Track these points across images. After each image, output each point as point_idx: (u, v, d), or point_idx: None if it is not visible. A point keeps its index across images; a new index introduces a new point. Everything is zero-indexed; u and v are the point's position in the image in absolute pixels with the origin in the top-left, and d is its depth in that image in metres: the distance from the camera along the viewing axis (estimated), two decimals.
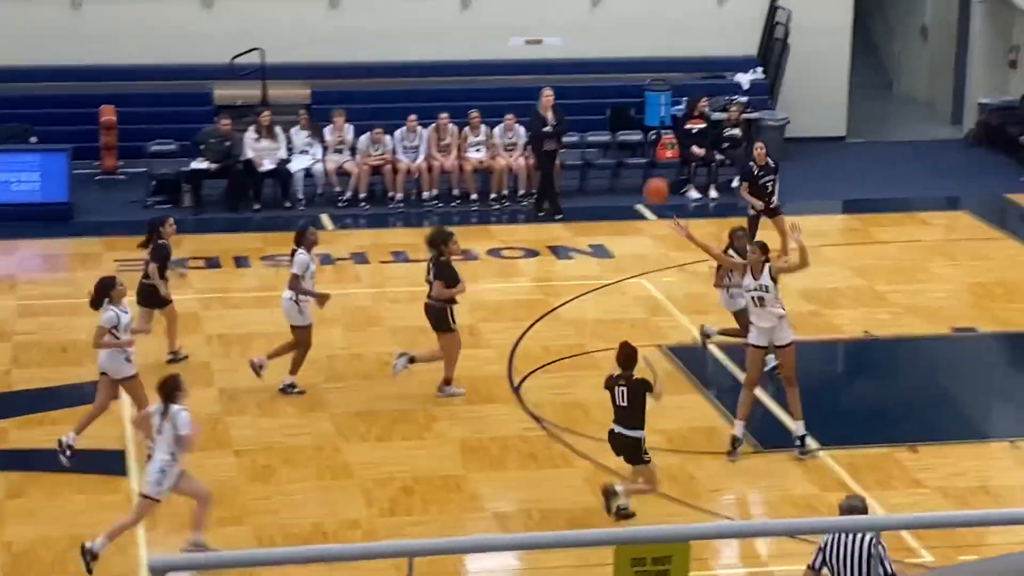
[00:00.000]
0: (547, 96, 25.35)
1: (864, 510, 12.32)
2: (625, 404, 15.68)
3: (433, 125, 25.90)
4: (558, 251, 23.82)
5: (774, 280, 17.08)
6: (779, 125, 28.33)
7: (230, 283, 22.46)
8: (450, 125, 25.94)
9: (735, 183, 26.40)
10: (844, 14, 29.48)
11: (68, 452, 16.89)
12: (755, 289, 17.11)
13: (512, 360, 19.63)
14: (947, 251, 23.85)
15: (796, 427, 17.30)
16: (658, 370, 16.34)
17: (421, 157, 25.87)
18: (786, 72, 28.73)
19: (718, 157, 26.62)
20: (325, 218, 25.07)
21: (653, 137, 27.16)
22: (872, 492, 16.45)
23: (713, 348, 20.02)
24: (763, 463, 17.14)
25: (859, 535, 12.01)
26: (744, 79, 28.47)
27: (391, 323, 20.79)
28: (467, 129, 26.05)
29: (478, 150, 26.04)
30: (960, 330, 20.69)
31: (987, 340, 20.68)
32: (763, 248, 17.36)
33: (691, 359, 19.75)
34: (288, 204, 25.48)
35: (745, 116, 27.40)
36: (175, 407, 14.99)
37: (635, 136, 27.38)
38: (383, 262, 23.30)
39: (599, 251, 23.78)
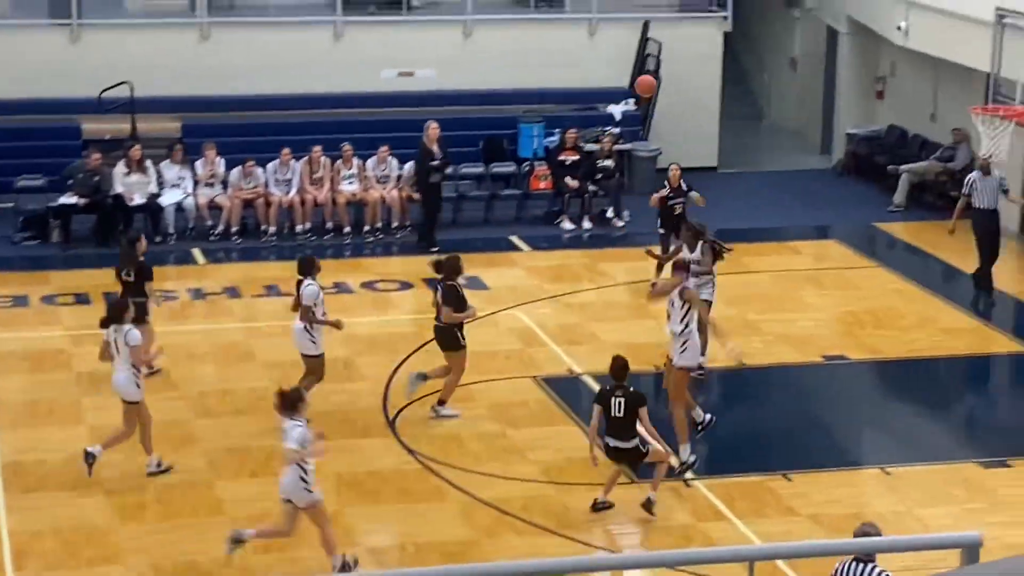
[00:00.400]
0: (433, 129, 25.33)
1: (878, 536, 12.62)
2: (621, 415, 16.16)
3: (306, 158, 25.79)
4: (432, 283, 23.73)
5: (683, 301, 17.49)
6: (651, 156, 28.54)
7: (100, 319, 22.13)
8: (323, 158, 25.83)
9: (609, 213, 26.65)
10: (714, 46, 29.76)
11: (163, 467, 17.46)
12: (669, 303, 17.78)
13: (387, 393, 19.55)
14: (817, 280, 24.09)
15: (681, 450, 17.45)
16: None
17: (294, 190, 25.73)
18: (658, 103, 28.92)
19: (591, 188, 26.75)
20: (197, 252, 24.87)
21: (527, 169, 27.22)
22: (746, 521, 16.57)
23: (587, 379, 20.09)
24: (639, 494, 17.15)
25: (867, 567, 12.37)
26: (616, 110, 28.61)
27: (264, 358, 20.61)
28: (340, 162, 25.97)
29: (351, 183, 25.95)
30: (831, 358, 20.90)
31: (857, 368, 20.90)
32: (678, 265, 17.96)
33: (565, 390, 19.79)
34: (159, 238, 25.19)
35: (618, 147, 27.57)
36: (290, 422, 15.06)
37: (508, 168, 27.43)
38: (256, 296, 23.13)
39: (473, 283, 23.73)
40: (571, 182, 26.60)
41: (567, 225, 26.57)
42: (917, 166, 28.05)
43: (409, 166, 25.98)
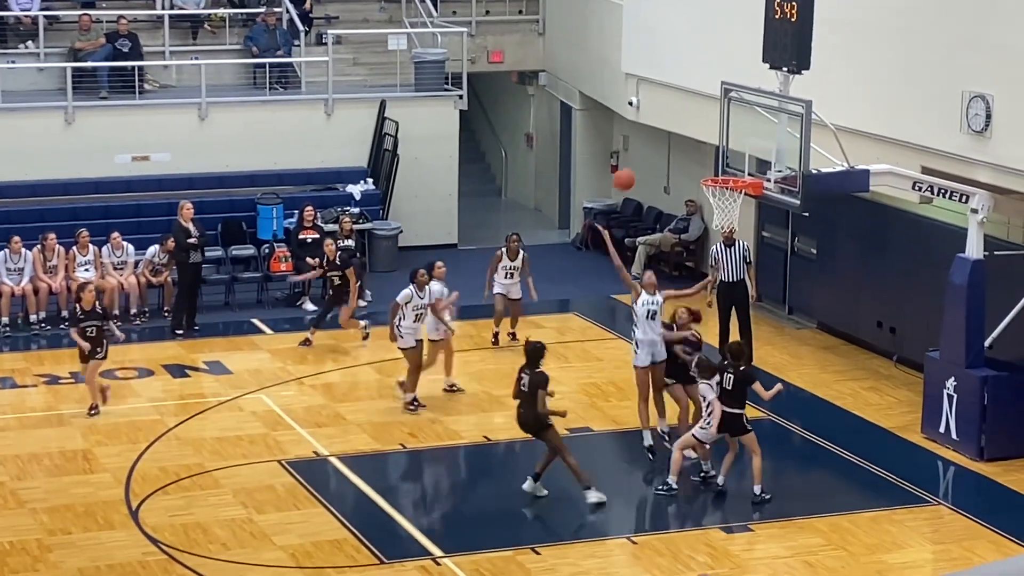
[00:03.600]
0: (187, 209, 25.15)
1: None
2: (730, 388, 18.55)
3: (38, 246, 25.26)
4: (172, 369, 23.42)
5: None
6: (392, 234, 28.62)
7: None
8: (57, 246, 25.33)
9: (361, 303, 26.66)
10: (451, 124, 29.99)
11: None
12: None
13: (129, 483, 19.16)
14: (560, 353, 24.28)
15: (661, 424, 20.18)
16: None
17: (26, 279, 25.17)
18: (397, 182, 29.04)
19: None
20: None
21: (267, 251, 27.06)
22: None
23: (335, 460, 19.98)
24: (388, 574, 17.07)
25: None
26: (356, 190, 28.65)
27: None
28: (75, 249, 25.48)
29: (87, 270, 25.48)
30: (575, 431, 21.04)
31: (601, 439, 21.09)
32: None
33: (312, 473, 19.62)
34: None
35: (358, 227, 27.57)
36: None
37: (248, 250, 27.25)
38: None
39: (216, 367, 23.48)
40: (311, 261, 26.47)
41: (309, 306, 26.44)
42: (652, 238, 28.60)
43: (153, 249, 25.62)
